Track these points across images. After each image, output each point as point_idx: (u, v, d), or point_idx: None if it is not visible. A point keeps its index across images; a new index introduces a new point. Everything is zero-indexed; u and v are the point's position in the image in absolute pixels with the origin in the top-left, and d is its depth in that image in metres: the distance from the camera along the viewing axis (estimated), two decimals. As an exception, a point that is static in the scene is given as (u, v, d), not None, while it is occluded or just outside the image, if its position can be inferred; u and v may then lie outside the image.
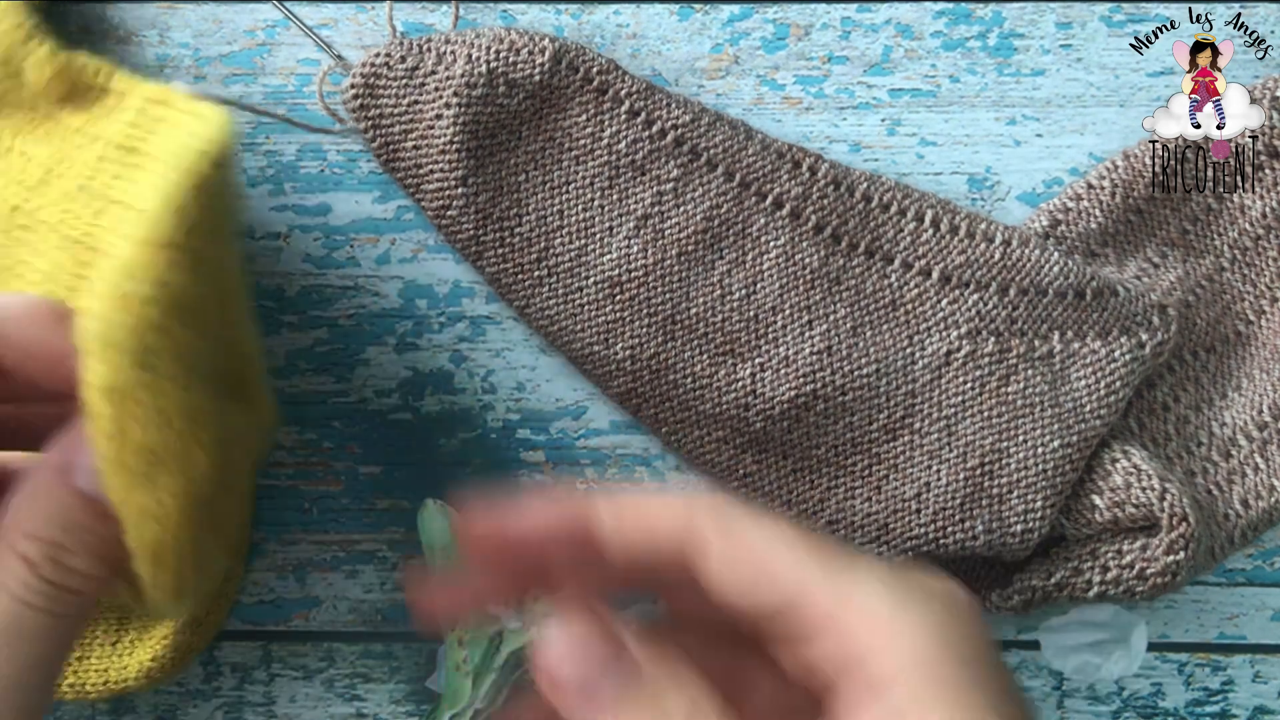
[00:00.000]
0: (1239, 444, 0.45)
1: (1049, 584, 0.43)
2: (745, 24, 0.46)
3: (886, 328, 0.44)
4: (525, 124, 0.44)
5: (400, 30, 0.46)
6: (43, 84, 0.42)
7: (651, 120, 0.44)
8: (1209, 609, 0.46)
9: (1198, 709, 0.47)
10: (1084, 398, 0.43)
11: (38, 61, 0.41)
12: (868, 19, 0.46)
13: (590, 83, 0.43)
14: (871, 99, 0.46)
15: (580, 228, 0.44)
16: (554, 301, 0.44)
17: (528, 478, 0.47)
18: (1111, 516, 0.42)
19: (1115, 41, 0.46)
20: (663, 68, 0.46)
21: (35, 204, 0.41)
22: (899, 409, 0.44)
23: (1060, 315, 0.43)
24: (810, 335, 0.44)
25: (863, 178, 0.44)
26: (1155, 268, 0.45)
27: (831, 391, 0.44)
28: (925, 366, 0.44)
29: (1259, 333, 0.46)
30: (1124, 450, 0.43)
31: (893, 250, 0.44)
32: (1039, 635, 0.46)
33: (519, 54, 0.43)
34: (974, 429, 0.43)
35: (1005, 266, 0.43)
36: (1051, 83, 0.46)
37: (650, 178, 0.44)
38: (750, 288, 0.44)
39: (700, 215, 0.44)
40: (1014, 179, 0.46)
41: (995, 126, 0.46)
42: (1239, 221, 0.45)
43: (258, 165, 0.47)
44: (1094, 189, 0.45)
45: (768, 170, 0.44)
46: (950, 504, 0.43)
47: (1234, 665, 0.46)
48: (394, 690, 0.47)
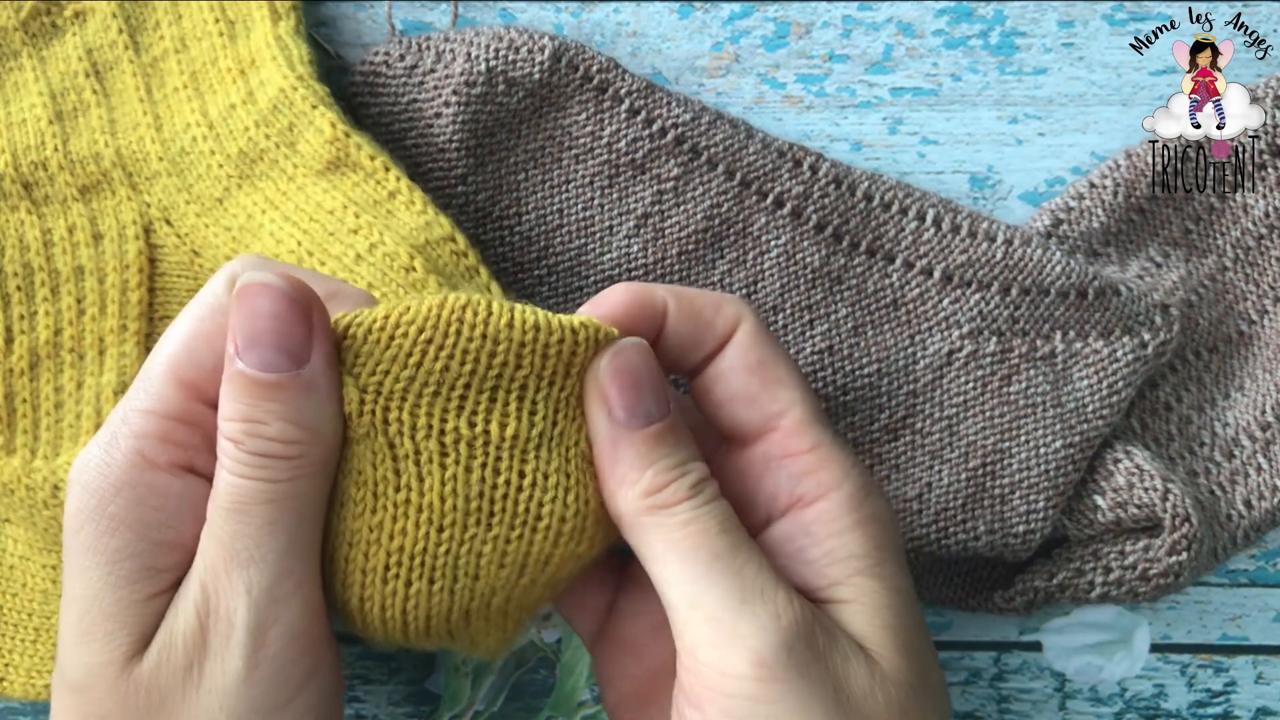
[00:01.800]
0: (1242, 444, 0.44)
1: (1051, 585, 0.43)
2: (746, 22, 0.46)
3: (888, 327, 0.44)
4: (525, 122, 0.44)
5: (399, 29, 0.46)
6: (313, 152, 0.41)
7: (652, 119, 0.43)
8: (1211, 610, 0.46)
9: (1200, 710, 0.46)
10: (1086, 398, 0.43)
11: (318, 128, 0.41)
12: (869, 17, 0.46)
13: (590, 81, 0.43)
14: (873, 97, 0.46)
15: (580, 226, 0.44)
16: (554, 301, 0.44)
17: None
18: (1114, 517, 0.42)
19: (1117, 40, 0.46)
20: (663, 66, 0.46)
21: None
22: (900, 409, 0.44)
23: (1062, 315, 0.43)
24: (811, 334, 0.44)
25: (864, 176, 0.44)
26: (1158, 267, 0.45)
27: (833, 391, 0.43)
28: (927, 366, 0.44)
29: (1262, 332, 0.46)
30: (1126, 450, 0.43)
31: (894, 249, 0.44)
32: (1041, 636, 0.46)
33: (518, 52, 0.43)
34: (976, 429, 0.43)
35: (1007, 266, 0.43)
36: (1053, 81, 0.46)
37: (650, 176, 0.44)
38: (751, 287, 0.44)
39: (701, 214, 0.43)
40: (1016, 178, 0.46)
41: (997, 125, 0.46)
42: (1241, 221, 0.45)
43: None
44: (1096, 188, 0.45)
45: (769, 169, 0.43)
46: (952, 504, 0.43)
47: (1236, 666, 0.46)
48: (394, 691, 0.47)
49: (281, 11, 0.44)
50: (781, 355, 0.35)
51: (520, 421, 0.32)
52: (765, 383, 0.34)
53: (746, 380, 0.34)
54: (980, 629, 0.46)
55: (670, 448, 0.33)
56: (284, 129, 0.42)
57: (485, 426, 0.32)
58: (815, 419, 0.35)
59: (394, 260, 0.39)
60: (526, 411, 0.33)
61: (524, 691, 0.46)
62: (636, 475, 0.33)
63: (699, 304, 0.35)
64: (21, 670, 0.44)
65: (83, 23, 0.44)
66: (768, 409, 0.34)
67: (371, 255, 0.39)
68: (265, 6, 0.44)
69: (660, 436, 0.33)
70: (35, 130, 0.43)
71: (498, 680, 0.46)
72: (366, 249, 0.39)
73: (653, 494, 0.32)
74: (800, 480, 0.34)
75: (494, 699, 0.46)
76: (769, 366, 0.34)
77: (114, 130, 0.44)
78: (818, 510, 0.34)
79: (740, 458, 0.35)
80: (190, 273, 0.43)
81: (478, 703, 0.46)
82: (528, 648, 0.46)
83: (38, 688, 0.44)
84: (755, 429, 0.35)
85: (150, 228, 0.43)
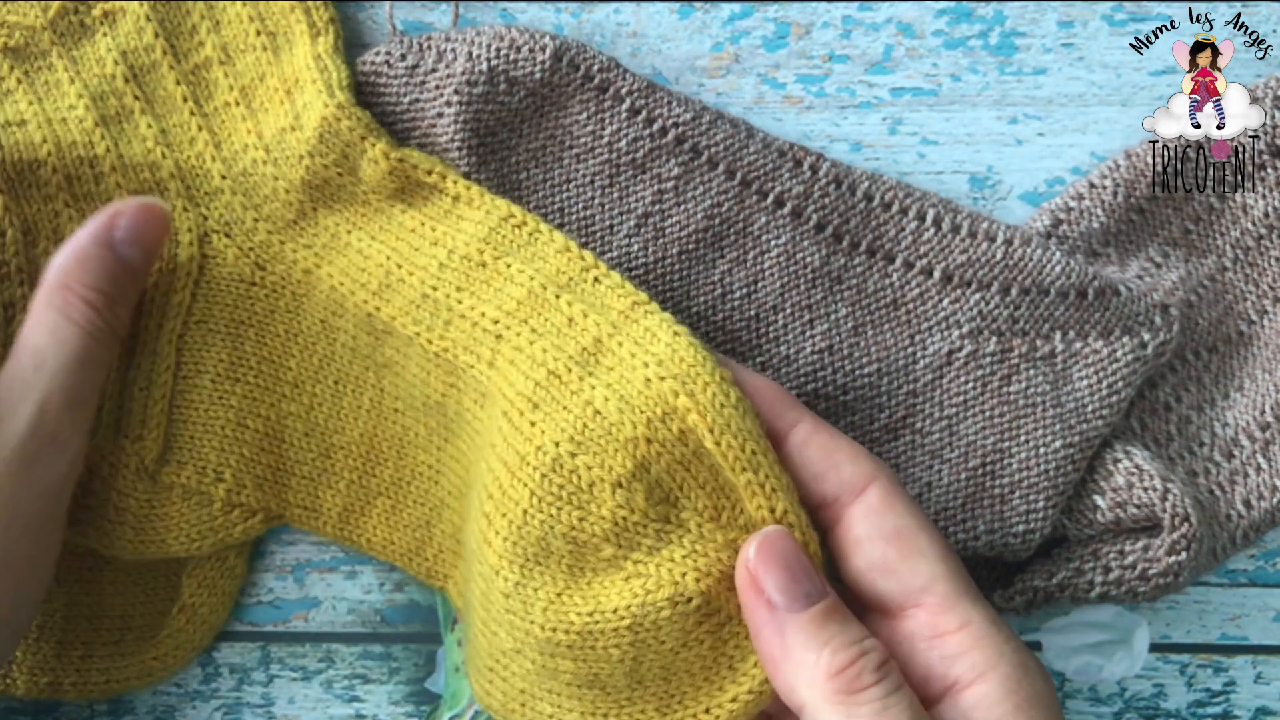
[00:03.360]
0: (1241, 444, 0.44)
1: (1051, 584, 0.43)
2: (746, 22, 0.46)
3: (888, 327, 0.44)
4: (526, 122, 0.44)
5: (400, 28, 0.46)
6: (376, 180, 0.42)
7: (652, 118, 0.43)
8: (1211, 610, 0.46)
9: (1200, 710, 0.46)
10: (1086, 397, 0.43)
11: (372, 159, 0.42)
12: (869, 17, 0.46)
13: (591, 81, 0.43)
14: (873, 98, 0.46)
15: (581, 226, 0.44)
16: (554, 300, 0.44)
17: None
18: (1114, 517, 0.42)
19: (1117, 40, 0.46)
20: (663, 66, 0.46)
21: (386, 311, 0.41)
22: (900, 408, 0.44)
23: (1062, 315, 0.43)
24: (811, 334, 0.44)
25: (864, 176, 0.44)
26: (1157, 267, 0.45)
27: (833, 391, 0.44)
28: (927, 366, 0.44)
29: (1261, 332, 0.46)
30: (1126, 450, 0.43)
31: (894, 249, 0.44)
32: (1041, 636, 0.46)
33: (520, 52, 0.43)
34: (976, 429, 0.43)
35: (1007, 266, 0.43)
36: (1053, 82, 0.46)
37: (651, 176, 0.44)
38: (751, 287, 0.44)
39: (701, 214, 0.44)
40: (1015, 178, 0.46)
41: (997, 125, 0.46)
42: (1241, 221, 0.45)
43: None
44: (1096, 188, 0.45)
45: (769, 169, 0.43)
46: (952, 504, 0.43)
47: (1236, 666, 0.46)
48: (393, 691, 0.47)
49: (320, 25, 0.44)
50: (919, 521, 0.34)
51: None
52: (905, 554, 0.33)
53: (884, 550, 0.34)
54: (980, 628, 0.46)
55: (839, 624, 0.32)
56: (339, 158, 0.42)
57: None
58: (962, 592, 0.33)
59: (470, 261, 0.41)
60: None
61: (524, 690, 0.46)
62: (814, 656, 0.31)
63: (836, 442, 0.35)
64: (24, 669, 0.44)
65: (112, 23, 0.44)
66: (909, 583, 0.33)
67: (451, 260, 0.41)
68: (304, 20, 0.44)
69: (827, 614, 0.32)
70: (80, 130, 0.44)
71: (498, 679, 0.46)
72: (446, 256, 0.41)
73: (837, 675, 0.31)
74: (953, 662, 0.33)
75: (494, 698, 0.46)
76: (907, 536, 0.34)
77: (168, 142, 0.44)
78: (976, 695, 0.32)
79: (887, 631, 0.34)
80: (245, 281, 0.44)
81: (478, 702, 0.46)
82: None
83: (40, 685, 0.44)
84: (898, 602, 0.34)
85: (206, 238, 0.44)
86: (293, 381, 0.44)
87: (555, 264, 0.40)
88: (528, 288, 0.39)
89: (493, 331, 0.39)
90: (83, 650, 0.45)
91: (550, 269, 0.40)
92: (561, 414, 0.35)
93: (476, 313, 0.40)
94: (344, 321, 0.43)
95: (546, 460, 0.35)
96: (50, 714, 0.47)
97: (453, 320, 0.40)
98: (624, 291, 0.38)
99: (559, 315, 0.38)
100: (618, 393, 0.35)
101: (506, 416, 0.37)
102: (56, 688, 0.44)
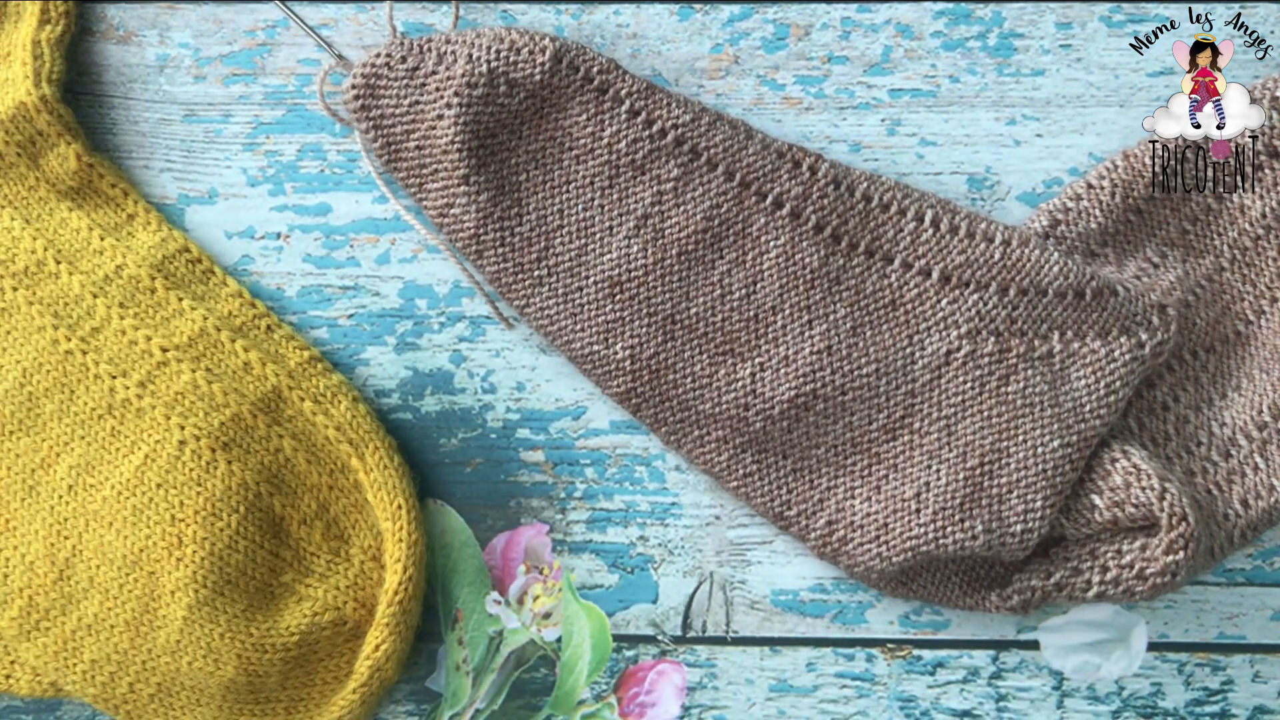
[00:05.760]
0: (1238, 444, 0.45)
1: (1048, 584, 0.43)
2: (745, 24, 0.46)
3: (886, 327, 0.44)
4: (526, 123, 0.44)
5: (400, 30, 0.46)
6: (56, 174, 0.43)
7: (652, 120, 0.44)
8: (1208, 609, 0.46)
9: (1197, 709, 0.47)
10: (1084, 397, 0.43)
11: (62, 155, 0.43)
12: (867, 19, 0.46)
13: (591, 82, 0.44)
14: (871, 99, 0.46)
15: (580, 227, 0.44)
16: (554, 301, 0.44)
17: (528, 477, 0.47)
18: (1111, 516, 0.42)
19: (1115, 41, 0.46)
20: (663, 68, 0.46)
21: (19, 293, 0.42)
22: (899, 409, 0.44)
23: (1060, 315, 0.43)
24: (810, 335, 0.44)
25: (863, 177, 0.44)
26: (1155, 268, 0.45)
27: (831, 391, 0.44)
28: (925, 366, 0.44)
29: (1259, 333, 0.46)
30: (1124, 450, 0.43)
31: (893, 250, 0.44)
32: (1039, 635, 0.46)
33: (520, 54, 0.43)
34: (974, 429, 0.43)
35: (1005, 266, 0.43)
36: (1051, 83, 0.46)
37: (650, 177, 0.44)
38: (750, 287, 0.44)
39: (700, 215, 0.44)
40: (1014, 179, 0.46)
41: (995, 126, 0.46)
42: (1239, 221, 0.46)
43: (258, 165, 0.47)
44: (1094, 189, 0.45)
45: (768, 170, 0.44)
46: (950, 504, 0.43)
47: (1233, 665, 0.46)
48: (394, 690, 0.47)
49: (54, 15, 0.44)
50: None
51: None
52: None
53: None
54: (978, 628, 0.46)
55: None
56: (24, 141, 0.43)
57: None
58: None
59: (138, 283, 0.43)
60: None
61: (524, 690, 0.46)
62: None
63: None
64: (27, 669, 0.44)
65: None
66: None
67: (119, 277, 0.43)
68: (39, 4, 0.44)
69: None
70: None
71: (498, 678, 0.46)
72: (114, 270, 0.43)
73: None
74: None
75: (494, 697, 0.46)
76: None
77: None
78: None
79: None
80: None
81: (478, 701, 0.46)
82: (528, 646, 0.46)
83: (43, 685, 0.44)
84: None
85: None
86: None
87: (228, 307, 0.43)
88: (200, 326, 0.42)
89: (157, 358, 0.42)
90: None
91: (223, 310, 0.43)
92: (255, 458, 0.42)
93: (139, 334, 0.42)
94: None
95: (249, 497, 0.42)
96: (52, 713, 0.47)
97: (104, 329, 0.42)
98: (298, 344, 0.44)
99: (234, 359, 0.42)
100: (305, 445, 0.43)
101: (184, 445, 0.41)
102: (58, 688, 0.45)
